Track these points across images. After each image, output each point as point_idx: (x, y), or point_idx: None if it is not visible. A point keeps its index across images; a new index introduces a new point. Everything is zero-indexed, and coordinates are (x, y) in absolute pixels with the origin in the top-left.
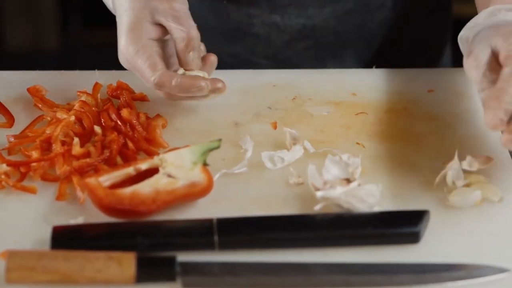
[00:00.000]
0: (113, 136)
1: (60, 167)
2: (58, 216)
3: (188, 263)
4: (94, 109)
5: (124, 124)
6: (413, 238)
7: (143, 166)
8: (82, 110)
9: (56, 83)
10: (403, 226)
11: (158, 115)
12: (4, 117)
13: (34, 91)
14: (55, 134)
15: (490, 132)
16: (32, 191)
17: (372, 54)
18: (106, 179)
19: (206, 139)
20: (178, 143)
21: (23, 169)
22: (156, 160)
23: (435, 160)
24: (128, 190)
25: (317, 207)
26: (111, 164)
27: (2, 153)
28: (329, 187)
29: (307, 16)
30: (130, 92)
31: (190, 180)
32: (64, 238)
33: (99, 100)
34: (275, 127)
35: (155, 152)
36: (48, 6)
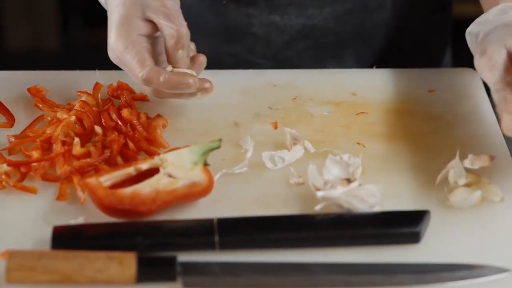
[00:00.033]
0: (113, 136)
1: (60, 167)
2: (59, 216)
3: (189, 263)
4: (95, 109)
5: (124, 124)
6: (413, 238)
7: (144, 166)
8: (83, 110)
9: (56, 83)
10: (404, 226)
11: (158, 115)
12: (5, 117)
13: (34, 91)
14: (55, 134)
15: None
16: (32, 191)
17: (372, 54)
18: (106, 179)
19: (207, 139)
20: (179, 143)
21: (23, 169)
22: (157, 160)
23: (435, 160)
24: (128, 190)
25: (317, 207)
26: (112, 164)
27: (3, 153)
28: (329, 187)
29: (307, 16)
30: (131, 92)
31: (190, 180)
32: (65, 238)
33: (99, 100)
34: (275, 127)
35: (156, 152)
36: (48, 6)
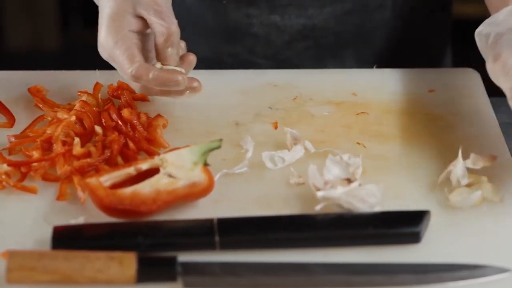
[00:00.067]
0: (113, 136)
1: (60, 167)
2: (59, 216)
3: (189, 263)
4: (95, 109)
5: (125, 124)
6: (414, 238)
7: (144, 166)
8: (83, 110)
9: (56, 83)
10: (404, 226)
11: (158, 115)
12: (5, 117)
13: (34, 91)
14: (55, 134)
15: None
16: (32, 191)
17: (372, 54)
18: (106, 179)
19: (207, 139)
20: (179, 143)
21: (23, 169)
22: (157, 160)
23: (435, 160)
24: (128, 190)
25: (318, 207)
26: (112, 164)
27: (3, 153)
28: (330, 187)
29: (307, 16)
30: (131, 92)
31: (190, 180)
32: (65, 238)
33: (99, 100)
34: (276, 127)
35: (156, 152)
36: (48, 6)
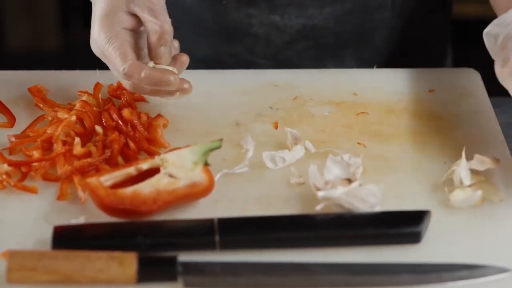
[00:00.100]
0: (114, 136)
1: (61, 167)
2: (59, 216)
3: (189, 263)
4: (95, 109)
5: (125, 124)
6: (414, 238)
7: (144, 166)
8: (83, 110)
9: (57, 83)
10: (404, 226)
11: (159, 115)
12: (5, 117)
13: (35, 91)
14: (56, 134)
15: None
16: (33, 191)
17: (372, 54)
18: (107, 179)
19: (207, 139)
20: (179, 143)
21: (24, 169)
22: (157, 160)
23: (436, 160)
24: (129, 190)
25: (318, 207)
26: (112, 164)
27: (3, 153)
28: (330, 187)
29: (307, 16)
30: (131, 92)
31: (191, 180)
32: (65, 238)
33: (100, 100)
34: (276, 127)
35: (156, 152)
36: (48, 6)
